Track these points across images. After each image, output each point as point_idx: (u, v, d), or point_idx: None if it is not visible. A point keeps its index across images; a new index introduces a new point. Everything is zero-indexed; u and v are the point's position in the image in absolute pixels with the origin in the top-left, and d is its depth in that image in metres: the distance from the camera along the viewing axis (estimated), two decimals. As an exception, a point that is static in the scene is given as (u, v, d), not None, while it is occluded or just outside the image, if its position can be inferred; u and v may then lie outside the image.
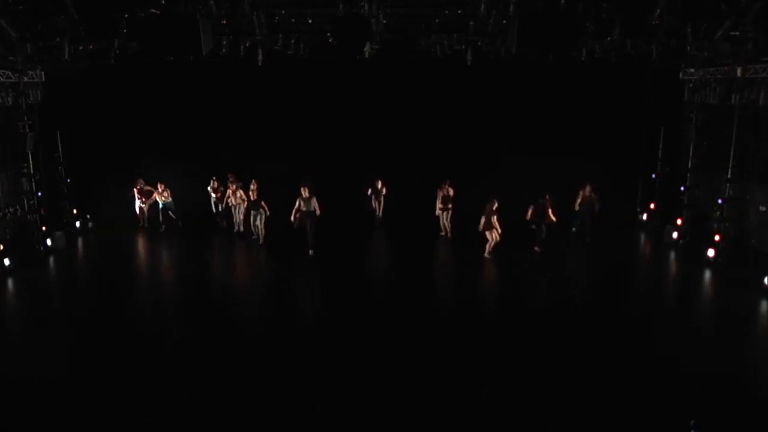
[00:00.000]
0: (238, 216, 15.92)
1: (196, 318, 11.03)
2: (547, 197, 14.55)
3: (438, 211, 15.99)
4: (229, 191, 15.76)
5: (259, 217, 15.10)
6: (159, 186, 16.47)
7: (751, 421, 7.56)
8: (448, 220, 15.97)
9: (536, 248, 14.57)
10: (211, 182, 16.64)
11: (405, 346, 9.65)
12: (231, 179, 15.73)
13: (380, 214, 17.09)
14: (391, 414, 7.74)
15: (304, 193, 13.95)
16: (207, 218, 16.65)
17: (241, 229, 15.87)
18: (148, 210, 16.72)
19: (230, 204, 15.89)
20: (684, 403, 7.88)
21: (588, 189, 15.34)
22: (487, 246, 14.10)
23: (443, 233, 16.01)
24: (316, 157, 17.46)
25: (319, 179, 17.08)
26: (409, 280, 13.05)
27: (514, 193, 15.08)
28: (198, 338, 10.03)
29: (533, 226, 14.59)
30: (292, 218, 14.09)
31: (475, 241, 14.43)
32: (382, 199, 16.95)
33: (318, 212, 14.04)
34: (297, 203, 14.07)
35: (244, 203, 15.57)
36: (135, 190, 16.72)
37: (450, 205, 15.89)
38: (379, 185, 16.84)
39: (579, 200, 15.52)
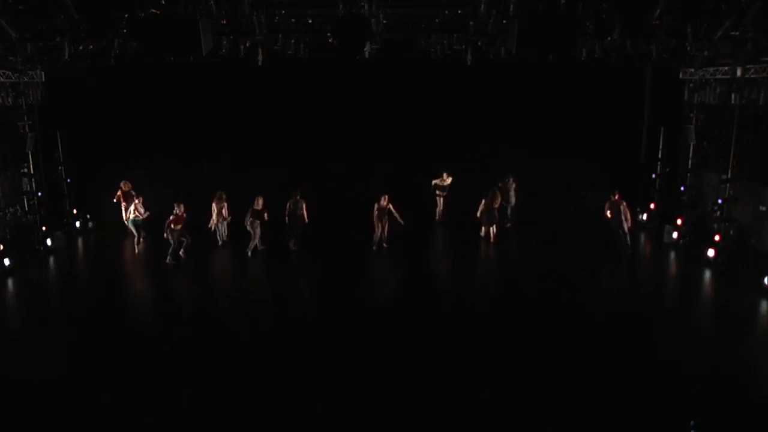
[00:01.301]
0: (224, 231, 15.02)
1: (197, 317, 11.03)
2: (512, 179, 16.00)
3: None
4: (215, 209, 14.62)
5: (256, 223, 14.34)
6: (136, 199, 15.12)
7: (750, 421, 7.56)
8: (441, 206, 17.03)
9: (508, 225, 16.13)
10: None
11: (404, 346, 9.65)
12: (219, 198, 14.61)
13: (385, 235, 14.97)
14: (391, 414, 7.75)
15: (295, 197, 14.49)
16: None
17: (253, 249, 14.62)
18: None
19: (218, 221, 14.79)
20: (684, 403, 7.88)
21: (617, 196, 14.20)
22: (492, 234, 15.12)
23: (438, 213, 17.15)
24: (316, 157, 17.44)
25: (318, 179, 17.18)
26: (407, 279, 13.07)
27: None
28: (198, 337, 10.02)
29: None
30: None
31: (472, 240, 14.48)
32: (385, 220, 14.80)
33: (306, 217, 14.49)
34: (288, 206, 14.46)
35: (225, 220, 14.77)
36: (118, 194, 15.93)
37: (444, 193, 16.92)
38: (384, 202, 14.61)
39: (607, 210, 14.25)
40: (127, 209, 15.45)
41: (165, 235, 13.71)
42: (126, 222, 15.47)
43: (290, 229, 14.60)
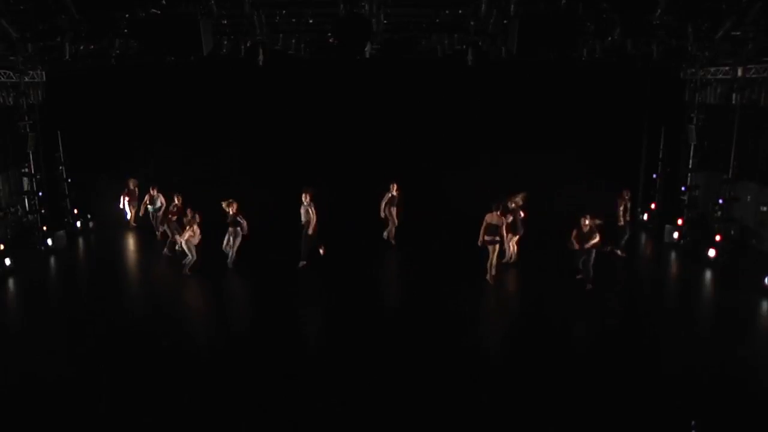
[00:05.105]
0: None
1: (197, 318, 11.02)
2: (591, 219, 11.61)
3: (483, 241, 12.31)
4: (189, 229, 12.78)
5: (233, 238, 13.07)
6: (151, 190, 15.42)
7: (751, 421, 7.56)
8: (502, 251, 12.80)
9: (582, 279, 11.94)
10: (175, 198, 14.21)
11: (405, 355, 9.66)
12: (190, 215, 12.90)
13: (393, 230, 15.16)
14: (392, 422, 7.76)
15: (305, 199, 12.94)
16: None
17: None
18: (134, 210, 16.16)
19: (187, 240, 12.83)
20: (684, 403, 7.88)
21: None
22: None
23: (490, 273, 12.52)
24: (317, 157, 17.44)
25: (318, 179, 17.15)
26: (414, 292, 13.05)
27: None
28: (198, 338, 10.03)
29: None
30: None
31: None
32: (394, 209, 14.89)
33: (313, 224, 12.93)
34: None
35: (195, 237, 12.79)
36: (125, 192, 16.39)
37: (497, 237, 12.24)
38: (395, 191, 14.75)
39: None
40: (132, 207, 16.30)
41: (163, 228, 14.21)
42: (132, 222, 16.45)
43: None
